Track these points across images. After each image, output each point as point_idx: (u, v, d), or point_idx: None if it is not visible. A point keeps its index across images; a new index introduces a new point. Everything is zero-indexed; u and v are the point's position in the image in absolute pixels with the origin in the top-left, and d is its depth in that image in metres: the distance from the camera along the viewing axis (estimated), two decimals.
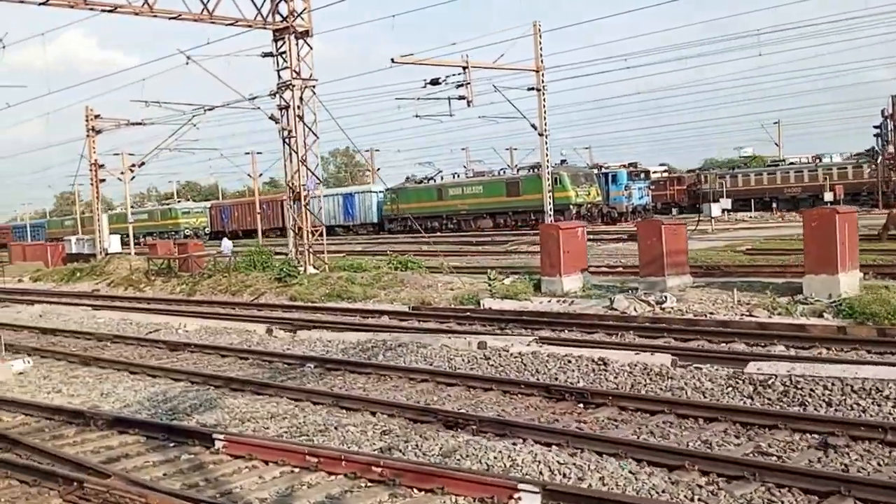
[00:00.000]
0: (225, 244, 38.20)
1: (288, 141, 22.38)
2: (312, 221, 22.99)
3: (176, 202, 77.75)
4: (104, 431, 9.18)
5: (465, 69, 29.54)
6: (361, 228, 60.24)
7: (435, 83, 26.40)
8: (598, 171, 50.17)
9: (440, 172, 56.09)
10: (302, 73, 22.00)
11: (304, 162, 22.28)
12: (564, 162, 51.02)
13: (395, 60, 27.80)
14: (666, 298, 14.10)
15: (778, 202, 56.23)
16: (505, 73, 31.36)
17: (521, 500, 5.82)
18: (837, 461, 6.58)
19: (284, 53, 21.90)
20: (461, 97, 29.76)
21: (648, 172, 53.45)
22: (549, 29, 32.41)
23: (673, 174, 66.72)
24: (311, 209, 22.80)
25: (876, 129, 50.16)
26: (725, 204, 37.39)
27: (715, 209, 35.31)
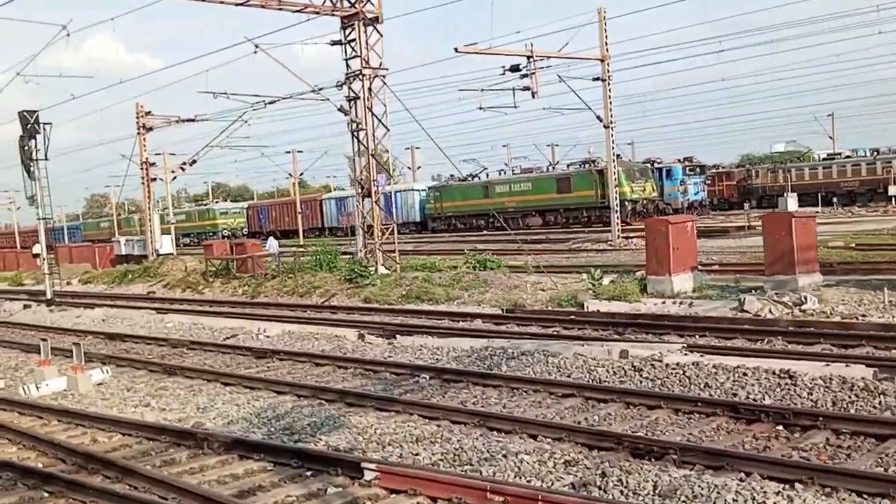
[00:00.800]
0: (271, 244, 37.39)
1: (357, 134, 21.22)
2: (383, 218, 21.80)
3: (213, 202, 77.23)
4: (222, 456, 8.01)
5: (529, 59, 28.29)
6: (403, 228, 59.05)
7: (515, 70, 25.12)
8: (650, 166, 48.55)
9: (485, 170, 54.82)
10: (371, 61, 20.84)
11: (374, 155, 21.10)
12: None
13: (458, 50, 26.66)
14: (805, 299, 12.68)
15: (835, 197, 54.19)
16: (569, 62, 30.05)
17: None
18: None
19: (353, 41, 20.74)
20: (526, 88, 28.51)
21: (704, 167, 51.66)
22: (613, 16, 31.01)
23: (721, 169, 64.78)
24: (381, 206, 21.63)
25: None
26: (793, 200, 35.61)
27: (791, 203, 33.62)
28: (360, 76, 20.67)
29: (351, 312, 18.20)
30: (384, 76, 21.00)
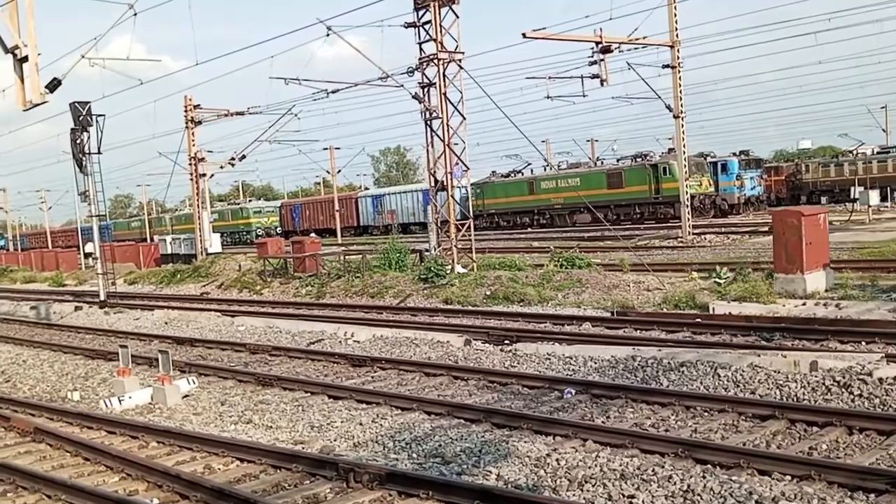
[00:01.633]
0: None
1: (430, 123, 19.84)
2: (457, 213, 20.39)
3: (246, 201, 76.37)
4: (376, 492, 6.65)
5: (597, 45, 26.75)
6: (444, 226, 57.71)
7: (606, 51, 23.60)
8: (704, 160, 46.77)
9: (528, 165, 53.29)
10: (447, 45, 19.44)
11: (449, 146, 19.71)
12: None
13: (526, 35, 25.16)
14: None
15: (892, 191, 52.08)
16: (639, 48, 28.44)
17: None
18: None
19: (428, 24, 19.36)
20: (594, 76, 26.98)
21: (760, 161, 49.75)
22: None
23: (769, 164, 62.72)
24: (456, 199, 20.22)
25: None
26: (875, 194, 33.63)
27: (873, 197, 31.76)
28: (434, 61, 19.28)
29: (434, 314, 16.81)
30: (460, 60, 19.59)
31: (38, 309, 24.86)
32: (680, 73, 29.29)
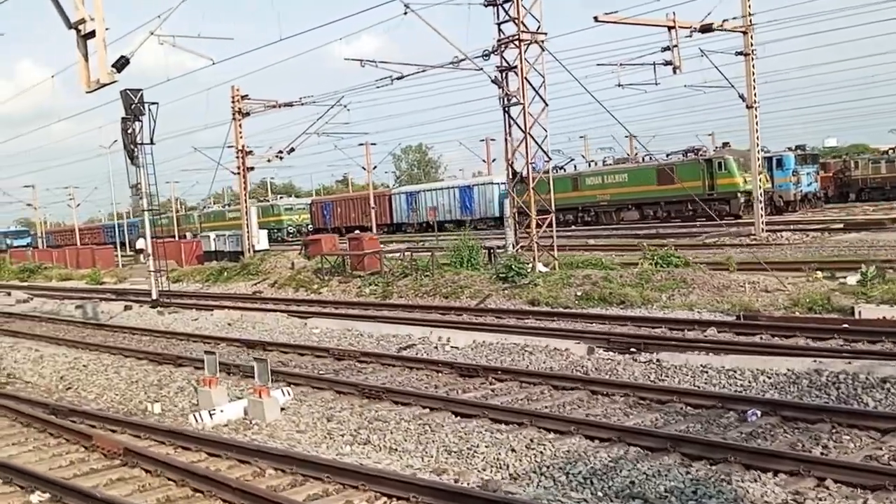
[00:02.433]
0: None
1: (508, 110, 18.42)
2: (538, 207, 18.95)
3: (278, 198, 75.40)
4: None
5: (670, 29, 25.20)
6: (481, 223, 56.21)
7: (707, 30, 22.06)
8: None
9: (571, 161, 51.75)
10: (528, 25, 18.00)
11: (530, 134, 18.27)
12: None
13: (598, 18, 23.69)
14: None
15: None
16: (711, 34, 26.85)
17: None
18: None
19: (509, 2, 17.93)
20: (667, 62, 25.42)
21: (817, 157, 47.87)
22: None
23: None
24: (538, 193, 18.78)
25: None
26: None
27: None
28: (515, 42, 17.84)
29: (523, 317, 15.38)
30: (543, 41, 18.13)
31: (84, 308, 23.73)
32: (753, 60, 27.68)
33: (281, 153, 29.51)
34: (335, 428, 9.16)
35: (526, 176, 18.67)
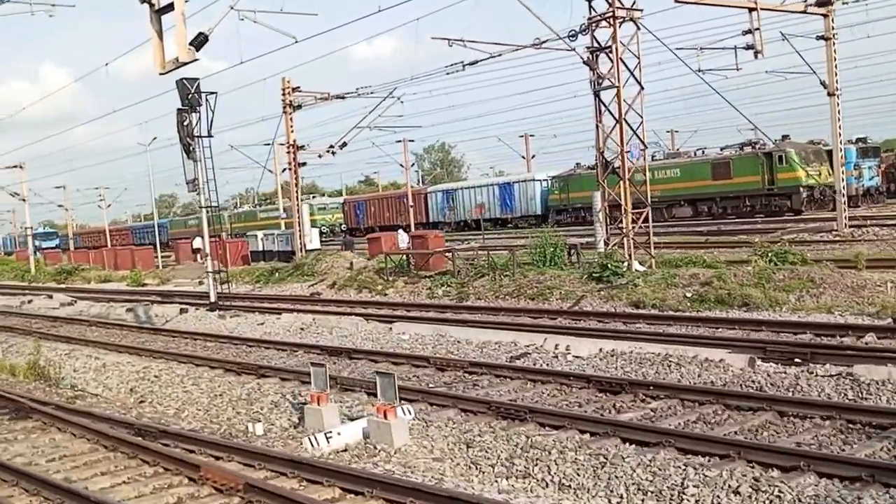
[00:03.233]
0: (402, 237, 34.10)
1: (599, 95, 16.95)
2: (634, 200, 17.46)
3: (310, 197, 74.35)
4: None
5: (751, 11, 23.58)
6: (522, 221, 54.71)
7: (825, 3, 20.44)
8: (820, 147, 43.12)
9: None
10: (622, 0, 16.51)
11: (625, 120, 16.78)
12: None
13: (678, 0, 22.14)
14: None
15: None
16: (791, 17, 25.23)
17: None
18: None
19: None
20: (748, 46, 23.79)
21: (878, 149, 45.83)
22: None
23: None
24: (633, 183, 17.26)
25: None
26: None
27: None
28: (609, 19, 16.35)
29: (631, 321, 13.89)
30: (639, 18, 16.64)
31: (135, 311, 22.57)
32: (835, 44, 25.97)
33: (332, 147, 28.21)
34: (480, 456, 7.76)
35: (618, 166, 17.16)
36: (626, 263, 16.70)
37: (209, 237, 20.14)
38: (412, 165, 59.31)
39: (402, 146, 58.35)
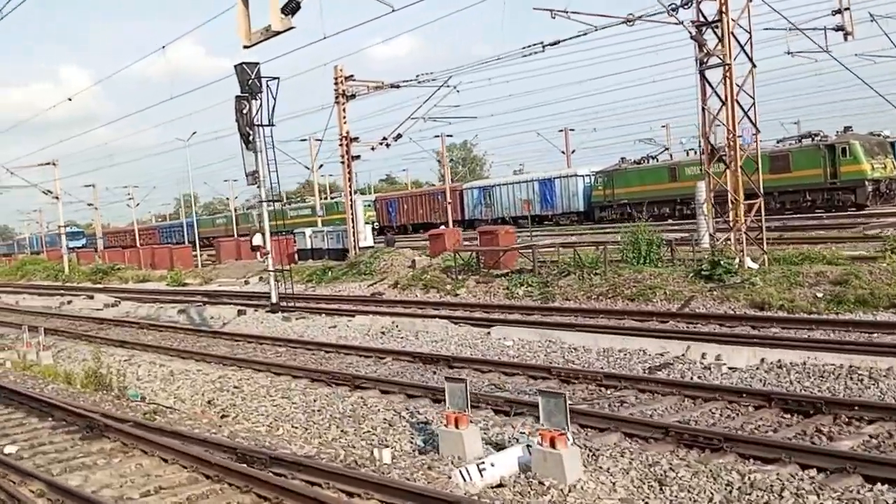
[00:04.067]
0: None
1: (705, 73, 15.40)
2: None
3: (340, 195, 73.07)
4: None
5: None
6: (563, 218, 53.01)
7: None
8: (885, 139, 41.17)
9: (665, 150, 48.38)
10: None
11: (738, 101, 15.21)
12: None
13: None
14: None
15: None
16: None
17: None
18: None
19: None
20: (839, 28, 22.11)
21: None
22: None
23: None
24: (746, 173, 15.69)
25: None
26: None
27: None
28: None
29: (760, 325, 12.34)
30: None
31: (187, 313, 21.29)
32: None
33: (385, 139, 26.81)
34: (683, 498, 6.27)
35: (724, 154, 15.60)
36: (737, 260, 15.13)
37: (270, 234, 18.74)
38: (445, 158, 57.57)
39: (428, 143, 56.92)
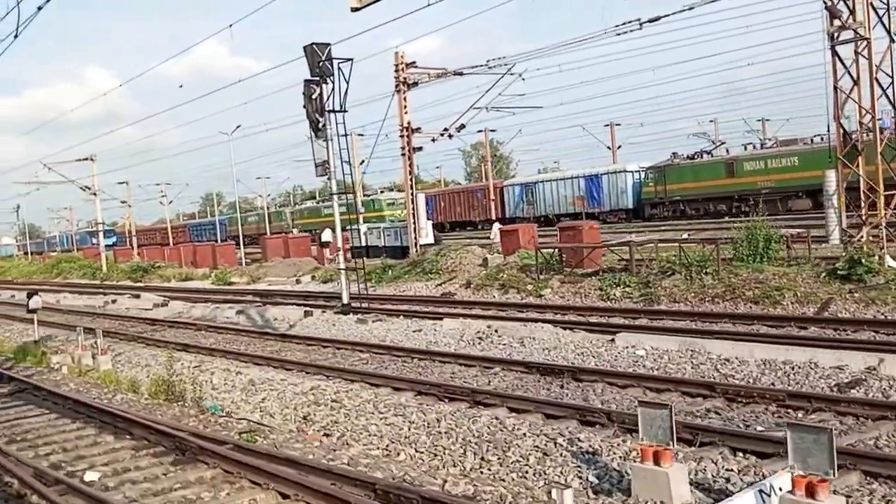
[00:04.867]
0: (495, 231, 31.55)
1: (836, 48, 13.76)
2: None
3: (379, 192, 71.97)
4: None
5: None
6: (610, 216, 51.18)
7: None
8: None
9: (721, 144, 46.47)
10: None
11: (878, 80, 13.55)
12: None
13: None
14: None
15: None
16: None
17: None
18: None
19: None
20: None
21: None
22: None
23: None
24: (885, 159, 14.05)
25: None
26: None
27: None
28: None
29: None
30: None
31: (246, 314, 19.98)
32: None
33: (446, 130, 25.34)
34: None
35: (856, 139, 13.96)
36: (875, 258, 13.48)
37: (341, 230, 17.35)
38: (489, 154, 56.14)
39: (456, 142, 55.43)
